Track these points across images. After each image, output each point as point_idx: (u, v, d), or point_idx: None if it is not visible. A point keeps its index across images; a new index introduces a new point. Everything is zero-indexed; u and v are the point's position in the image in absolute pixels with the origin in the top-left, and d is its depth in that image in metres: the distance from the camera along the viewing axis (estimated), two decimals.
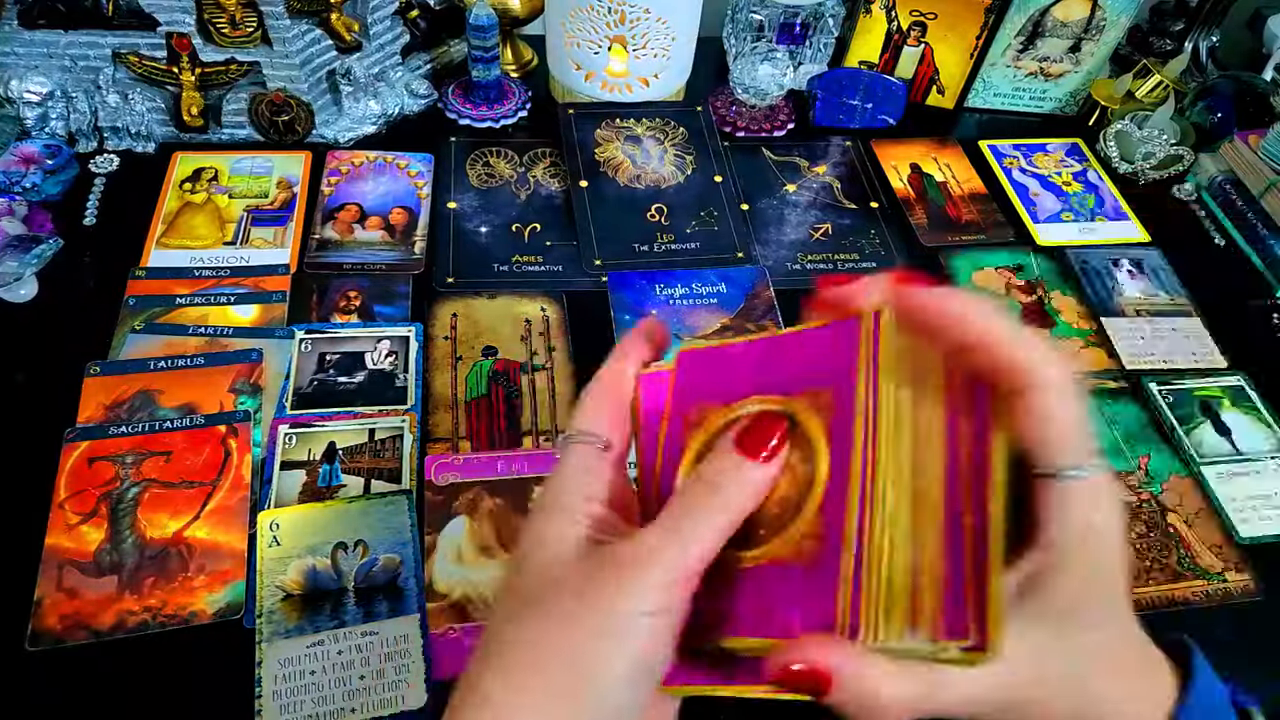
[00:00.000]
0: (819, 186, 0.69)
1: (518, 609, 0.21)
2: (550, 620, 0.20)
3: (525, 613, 0.21)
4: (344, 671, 0.39)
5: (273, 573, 0.42)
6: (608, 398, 0.24)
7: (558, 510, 0.22)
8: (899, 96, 0.73)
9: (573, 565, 0.21)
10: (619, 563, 0.20)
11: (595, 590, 0.20)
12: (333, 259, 0.58)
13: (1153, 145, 0.70)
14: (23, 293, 0.53)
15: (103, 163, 0.62)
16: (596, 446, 0.23)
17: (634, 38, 0.65)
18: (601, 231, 0.62)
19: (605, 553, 0.21)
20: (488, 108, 0.69)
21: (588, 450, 0.23)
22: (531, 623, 0.20)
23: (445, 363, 0.52)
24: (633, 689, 0.20)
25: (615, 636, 0.19)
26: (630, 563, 0.20)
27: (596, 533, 0.22)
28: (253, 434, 0.47)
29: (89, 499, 0.43)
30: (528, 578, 0.21)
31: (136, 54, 0.62)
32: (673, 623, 0.20)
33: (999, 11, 0.70)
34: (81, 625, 0.40)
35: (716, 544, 0.21)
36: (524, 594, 0.21)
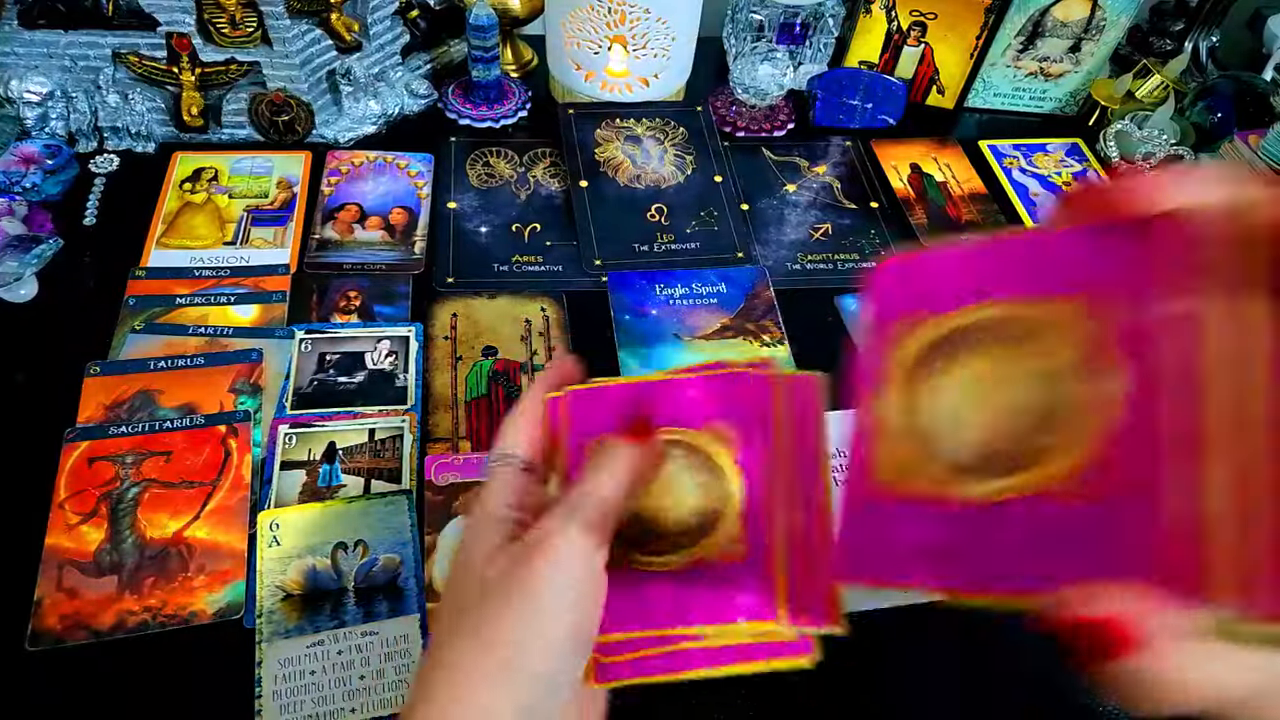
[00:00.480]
0: (819, 186, 0.69)
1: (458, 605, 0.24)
2: (485, 607, 0.23)
3: (462, 615, 0.23)
4: (344, 671, 0.39)
5: (273, 573, 0.42)
6: (528, 420, 0.28)
7: (482, 520, 0.25)
8: (899, 96, 0.73)
9: (494, 562, 0.24)
10: (529, 548, 0.23)
11: (514, 579, 0.23)
12: (333, 259, 0.58)
13: (1153, 145, 0.70)
14: (23, 293, 0.53)
15: (103, 163, 0.62)
16: (517, 465, 0.27)
17: (634, 38, 0.65)
18: (601, 231, 0.62)
19: (519, 544, 0.24)
20: (488, 108, 0.69)
21: (509, 470, 0.26)
22: (469, 621, 0.23)
23: (445, 363, 0.52)
24: (565, 655, 0.22)
25: (538, 614, 0.22)
26: (537, 545, 0.23)
27: (517, 530, 0.25)
28: (253, 434, 0.47)
29: (89, 499, 0.43)
30: (461, 585, 0.24)
31: (136, 54, 0.62)
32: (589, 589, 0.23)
33: (999, 11, 0.70)
34: (81, 625, 0.40)
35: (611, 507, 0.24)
36: (460, 592, 0.24)
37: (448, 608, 0.24)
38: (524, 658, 0.22)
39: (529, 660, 0.22)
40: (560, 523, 0.23)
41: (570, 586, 0.22)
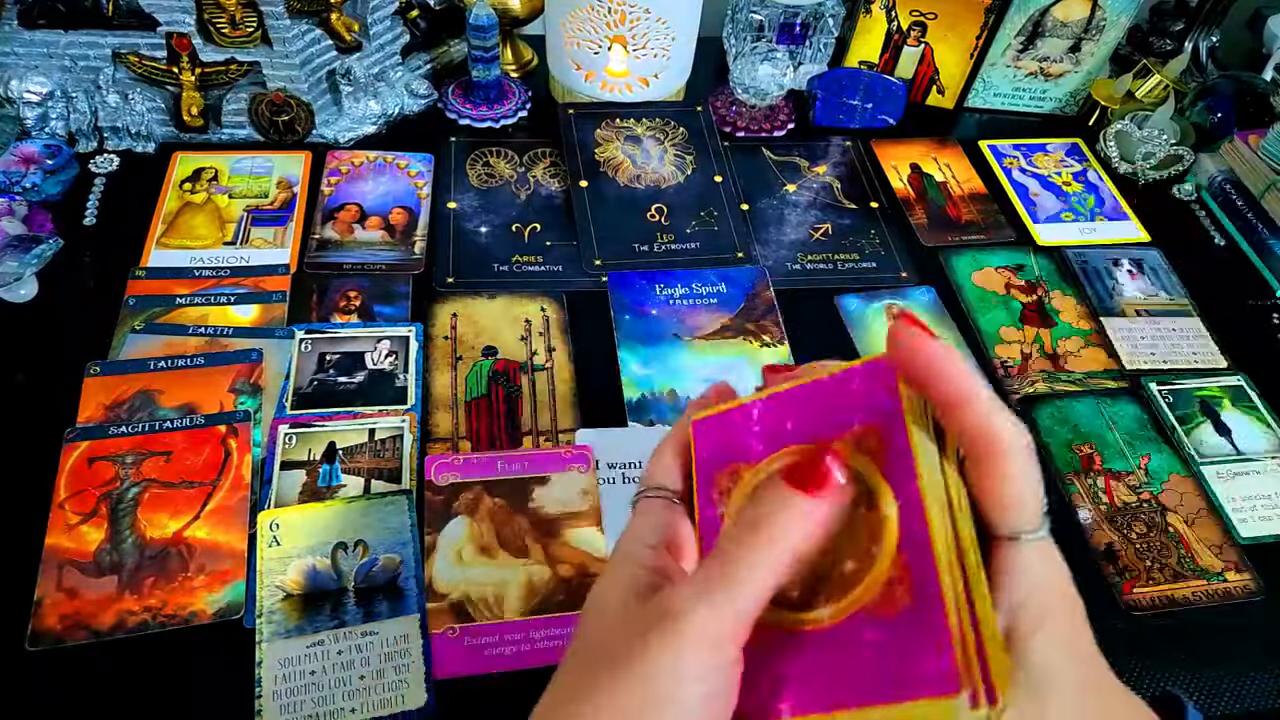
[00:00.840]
0: (819, 186, 0.69)
1: (580, 669, 0.21)
2: (605, 686, 0.19)
3: (583, 675, 0.20)
4: (344, 671, 0.39)
5: (273, 573, 0.42)
6: (676, 451, 0.24)
7: (621, 562, 0.22)
8: (899, 96, 0.73)
9: (625, 620, 0.20)
10: (660, 617, 0.19)
11: (643, 654, 0.19)
12: (333, 259, 0.58)
13: (1153, 145, 0.70)
14: (23, 293, 0.53)
15: (103, 163, 0.62)
16: (667, 499, 0.24)
17: (634, 37, 0.65)
18: (601, 231, 0.62)
19: (652, 604, 0.20)
20: (488, 108, 0.69)
21: (656, 503, 0.24)
22: (589, 686, 0.19)
23: (445, 363, 0.52)
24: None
25: (667, 706, 0.18)
26: (670, 619, 0.19)
27: (656, 578, 0.21)
28: (253, 434, 0.47)
29: (89, 499, 0.43)
30: (588, 633, 0.21)
31: (136, 54, 0.62)
32: (724, 679, 0.19)
33: (999, 11, 0.70)
34: (81, 625, 0.40)
35: (762, 587, 0.19)
36: (586, 651, 0.21)
37: (574, 659, 0.21)
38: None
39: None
40: (690, 602, 0.19)
41: (702, 680, 0.19)
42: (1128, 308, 0.61)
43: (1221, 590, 0.46)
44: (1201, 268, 0.65)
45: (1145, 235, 0.67)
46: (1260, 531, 0.48)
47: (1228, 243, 0.68)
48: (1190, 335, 0.59)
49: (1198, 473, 0.51)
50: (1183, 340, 0.59)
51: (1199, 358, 0.58)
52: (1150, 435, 0.53)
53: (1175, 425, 0.53)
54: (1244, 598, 0.46)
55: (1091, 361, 0.57)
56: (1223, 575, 0.47)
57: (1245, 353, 0.59)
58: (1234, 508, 0.49)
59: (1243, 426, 0.54)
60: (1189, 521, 0.49)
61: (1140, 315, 0.61)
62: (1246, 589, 0.46)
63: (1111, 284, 0.63)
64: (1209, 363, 0.58)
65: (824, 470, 0.20)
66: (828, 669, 0.19)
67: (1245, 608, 0.46)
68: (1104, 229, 0.67)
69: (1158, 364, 0.57)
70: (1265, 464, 0.52)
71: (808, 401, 0.22)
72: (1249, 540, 0.48)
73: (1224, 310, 0.61)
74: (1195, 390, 0.55)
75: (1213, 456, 0.52)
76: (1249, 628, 0.45)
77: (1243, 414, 0.54)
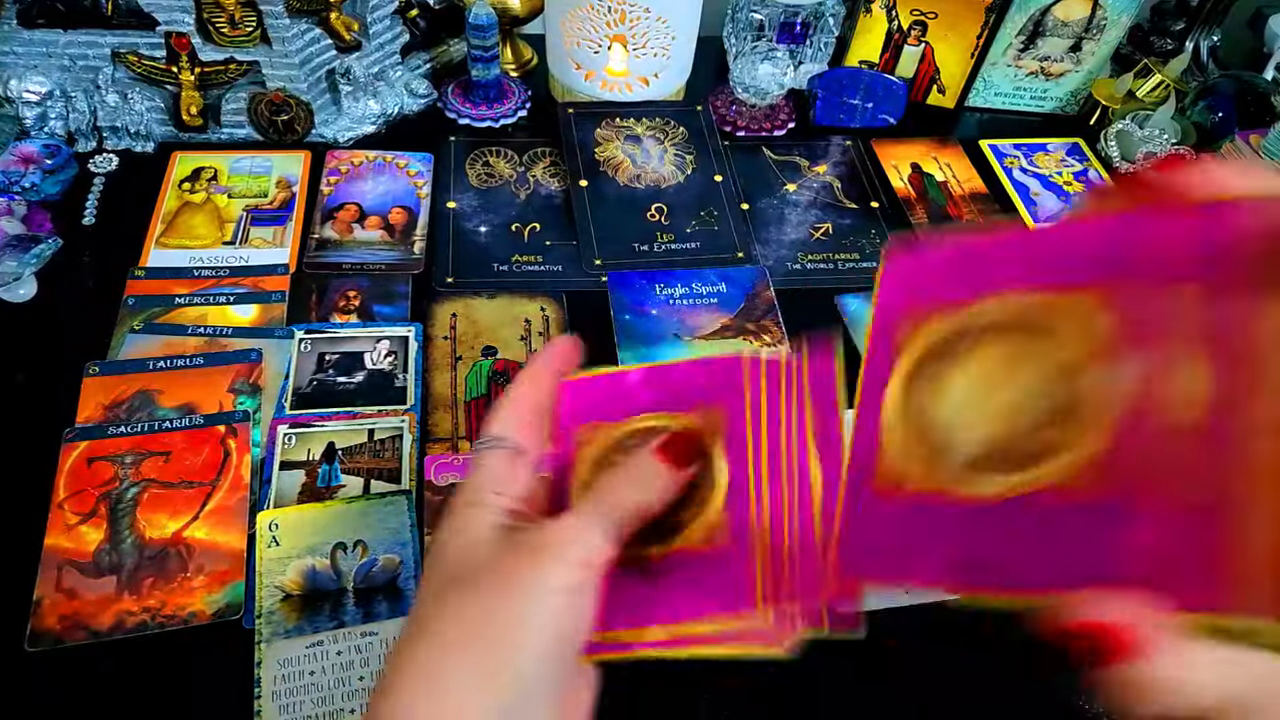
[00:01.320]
0: (819, 186, 0.69)
1: (440, 591, 0.22)
2: (475, 595, 0.21)
3: (447, 593, 0.22)
4: (343, 672, 0.39)
5: (272, 573, 0.42)
6: (521, 405, 0.26)
7: (473, 505, 0.24)
8: (899, 96, 0.73)
9: (491, 548, 0.23)
10: (535, 545, 0.22)
11: (514, 569, 0.21)
12: (332, 259, 0.58)
13: (1154, 145, 0.70)
14: (22, 292, 0.52)
15: (102, 162, 0.62)
16: (507, 450, 0.25)
17: (634, 37, 0.65)
18: (601, 231, 0.62)
19: (522, 536, 0.23)
20: (487, 107, 0.69)
21: (500, 454, 0.25)
22: (455, 601, 0.21)
23: (445, 363, 0.52)
24: (552, 662, 0.21)
25: (534, 612, 0.21)
26: (546, 544, 0.22)
27: (510, 521, 0.24)
28: (252, 434, 0.47)
29: (88, 499, 0.43)
30: (445, 563, 0.23)
31: (136, 53, 0.62)
32: (589, 600, 0.22)
33: (1000, 11, 0.70)
34: (81, 625, 0.40)
35: (627, 528, 0.23)
36: (444, 577, 0.22)
37: (427, 592, 0.23)
38: (514, 656, 0.20)
39: (519, 659, 0.20)
40: (580, 528, 0.22)
41: (575, 592, 0.21)
42: None
43: None
44: None
45: None
46: None
47: None
48: None
49: None
50: None
51: None
52: None
53: None
54: None
55: None
56: None
57: None
58: None
59: None
60: None
61: None
62: None
63: None
64: None
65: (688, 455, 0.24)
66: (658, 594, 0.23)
67: None
68: None
69: None
70: None
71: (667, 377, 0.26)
72: None
73: None
74: None
75: None
76: None
77: None
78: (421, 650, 0.21)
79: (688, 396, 0.26)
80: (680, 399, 0.26)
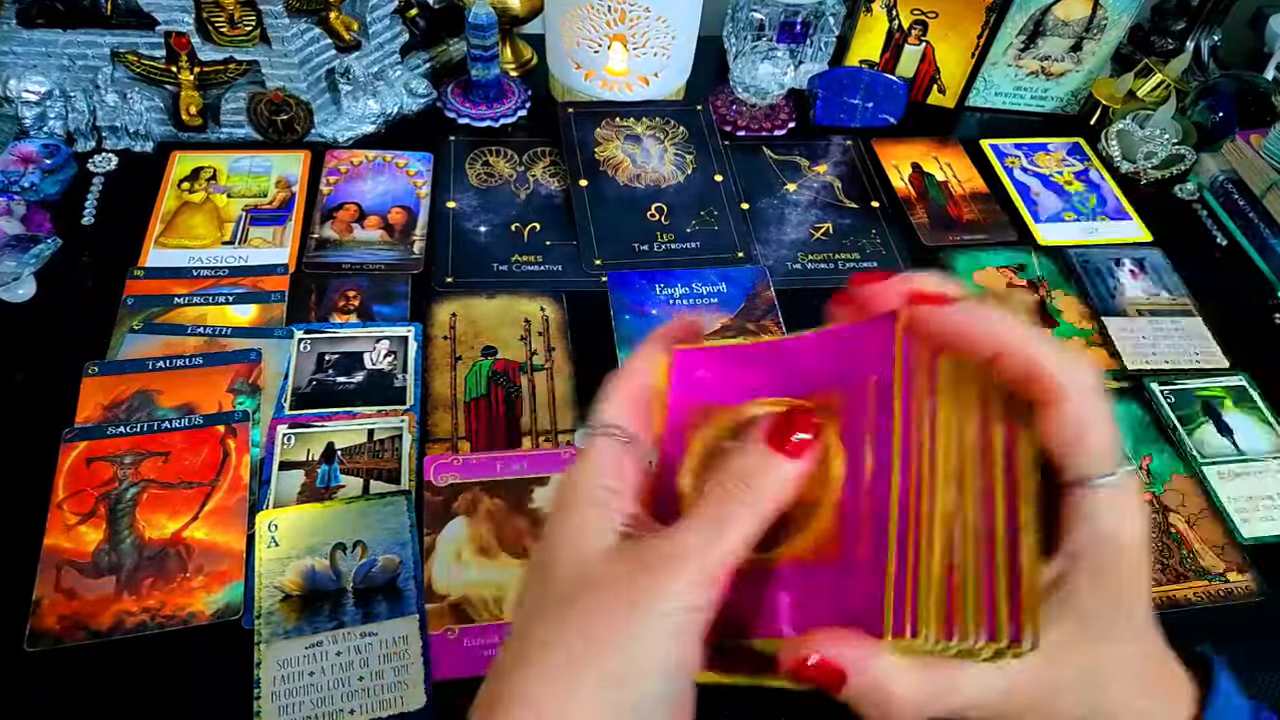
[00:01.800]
0: (820, 186, 0.69)
1: (552, 608, 0.20)
2: (591, 618, 0.20)
3: (562, 612, 0.20)
4: (343, 673, 0.39)
5: (271, 573, 0.41)
6: (629, 390, 0.24)
7: (588, 504, 0.22)
8: (900, 95, 0.73)
9: (607, 562, 0.21)
10: (657, 561, 0.20)
11: (636, 587, 0.20)
12: (331, 259, 0.58)
13: (1154, 145, 0.70)
14: (21, 293, 0.52)
15: (101, 162, 0.62)
16: (620, 440, 0.23)
17: (634, 36, 0.65)
18: (601, 231, 0.62)
19: (643, 549, 0.20)
20: (487, 107, 0.69)
21: (611, 444, 0.23)
22: (570, 621, 0.20)
23: (444, 363, 0.52)
24: (671, 683, 0.20)
25: (657, 633, 0.19)
26: (669, 560, 0.20)
27: (627, 523, 0.22)
28: (251, 434, 0.47)
29: (87, 499, 0.43)
30: (559, 575, 0.21)
31: (135, 53, 0.61)
32: (704, 619, 0.20)
33: (1000, 10, 0.70)
34: (80, 626, 0.40)
35: (750, 540, 0.21)
36: (557, 591, 0.21)
37: (541, 601, 0.21)
38: (632, 675, 0.19)
39: (640, 678, 0.19)
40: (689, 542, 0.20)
41: (691, 613, 0.20)
42: (1129, 308, 0.61)
43: (1223, 591, 0.46)
44: (1203, 267, 0.65)
45: (1147, 235, 0.67)
46: (1262, 532, 0.48)
47: (1230, 242, 0.68)
48: (1192, 335, 0.59)
49: (1199, 473, 0.51)
50: (1184, 340, 0.59)
51: (1201, 358, 0.58)
52: (1152, 435, 0.53)
53: (1177, 425, 0.53)
54: (1245, 598, 0.46)
55: (1093, 362, 0.57)
56: (1224, 576, 0.46)
57: (1247, 353, 0.58)
58: (1236, 508, 0.49)
59: (1245, 427, 0.53)
60: (1190, 522, 0.49)
61: (1142, 315, 0.60)
62: (1248, 589, 0.46)
63: (1113, 284, 0.63)
64: (1211, 363, 0.58)
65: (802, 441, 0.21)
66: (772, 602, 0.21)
67: (1247, 608, 0.46)
68: (1106, 229, 0.67)
69: (1159, 364, 0.57)
70: (1267, 464, 0.52)
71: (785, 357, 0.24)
72: (1251, 541, 0.48)
73: (1226, 310, 0.61)
74: (1197, 390, 0.55)
75: (1215, 457, 0.52)
76: (1250, 628, 0.45)
77: (1245, 414, 0.54)
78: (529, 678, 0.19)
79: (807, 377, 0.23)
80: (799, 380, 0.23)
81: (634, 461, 0.23)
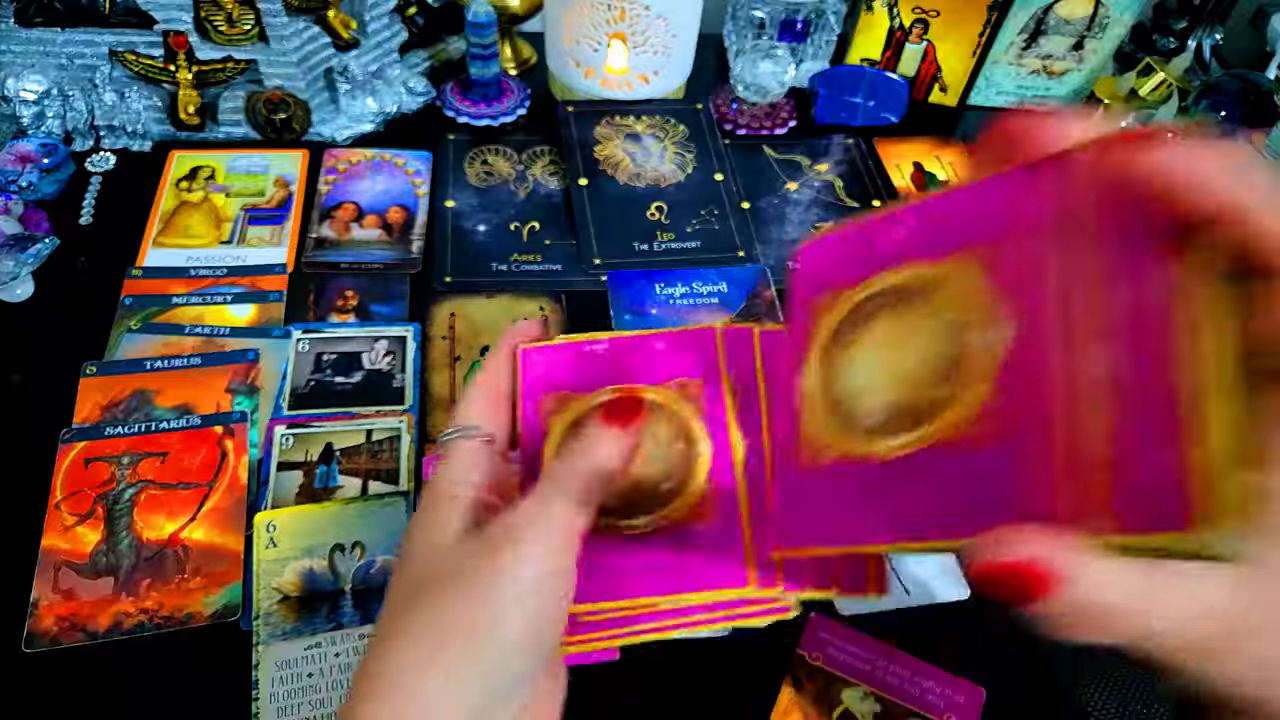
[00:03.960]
0: (821, 185, 0.68)
1: (410, 595, 0.21)
2: (443, 599, 0.21)
3: (418, 597, 0.21)
4: (341, 674, 0.39)
5: (269, 574, 0.41)
6: (485, 391, 0.26)
7: (442, 501, 0.23)
8: (901, 94, 0.73)
9: (457, 547, 0.22)
10: (501, 534, 0.21)
11: (481, 564, 0.21)
12: (330, 258, 0.58)
13: None
14: (19, 292, 0.52)
15: (99, 161, 0.62)
16: (478, 439, 0.25)
17: (634, 34, 0.65)
18: (601, 230, 0.61)
19: (489, 531, 0.22)
20: (486, 105, 0.69)
21: (467, 444, 0.24)
22: (425, 606, 0.21)
23: (443, 362, 0.52)
24: (526, 652, 0.21)
25: (502, 607, 0.20)
26: (513, 530, 0.21)
27: (479, 514, 0.23)
28: (249, 435, 0.47)
29: (85, 500, 0.43)
30: (415, 565, 0.22)
31: (133, 52, 0.61)
32: (559, 586, 0.21)
33: (1002, 9, 0.70)
34: (78, 627, 0.39)
35: (592, 499, 0.22)
36: (414, 581, 0.22)
37: (397, 596, 0.22)
38: (481, 653, 0.20)
39: (491, 659, 0.20)
40: (527, 519, 0.21)
41: (542, 581, 0.21)
42: None
43: None
44: None
45: None
46: None
47: None
48: None
49: None
50: None
51: None
52: None
53: None
54: None
55: None
56: None
57: None
58: None
59: None
60: None
61: None
62: None
63: None
64: None
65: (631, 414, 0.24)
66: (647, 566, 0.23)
67: None
68: None
69: None
70: None
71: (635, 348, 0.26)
72: None
73: None
74: None
75: None
76: None
77: None
78: (391, 659, 0.20)
79: (656, 368, 0.26)
80: (648, 370, 0.26)
81: (491, 457, 0.25)
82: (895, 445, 0.19)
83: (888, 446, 0.19)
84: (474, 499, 0.23)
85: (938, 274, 0.19)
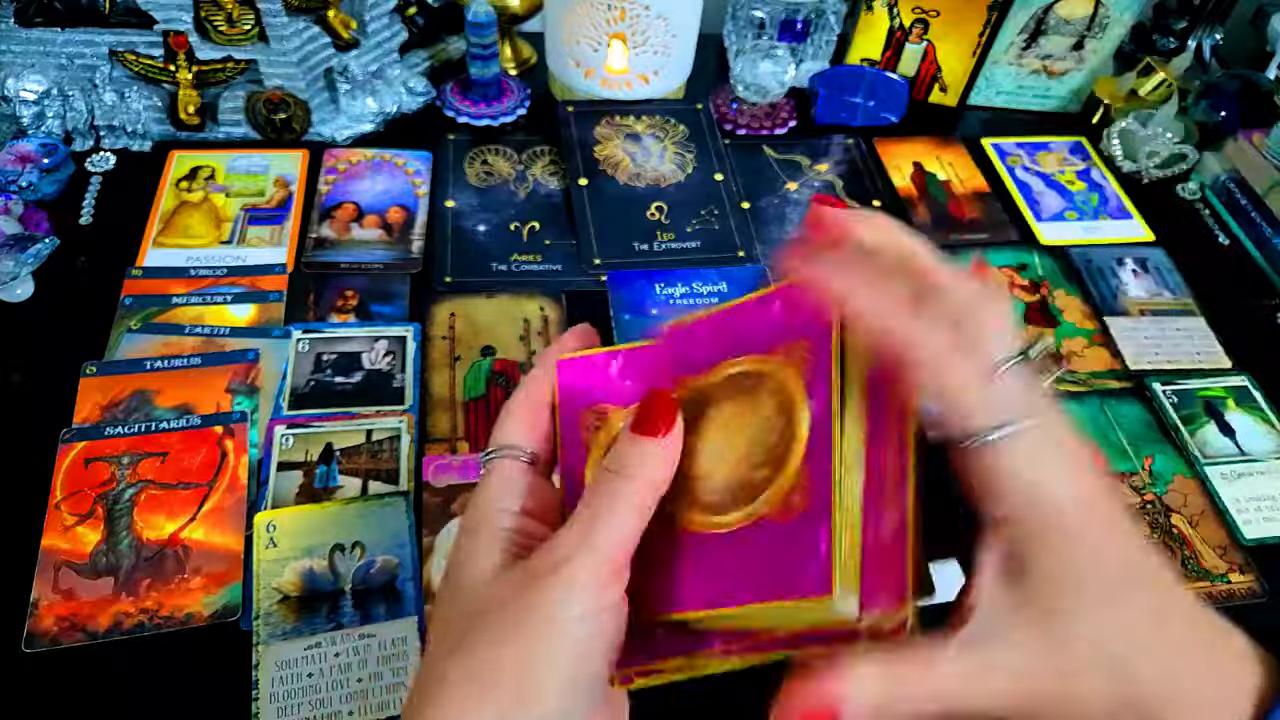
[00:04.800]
0: (821, 185, 0.68)
1: (454, 641, 0.20)
2: (488, 637, 0.20)
3: (461, 644, 0.20)
4: (341, 674, 0.39)
5: (269, 574, 0.41)
6: (527, 408, 0.24)
7: (483, 527, 0.22)
8: (901, 94, 0.73)
9: (498, 585, 0.21)
10: (541, 573, 0.20)
11: (523, 606, 0.20)
12: (330, 258, 0.58)
13: (1156, 144, 0.70)
14: (19, 292, 0.52)
15: (99, 161, 0.62)
16: (520, 460, 0.23)
17: (634, 34, 0.65)
18: (601, 230, 0.61)
19: (531, 563, 0.21)
20: (486, 105, 0.69)
21: (509, 464, 0.23)
22: (467, 653, 0.20)
23: (443, 362, 0.52)
24: (578, 692, 0.20)
25: (550, 648, 0.19)
26: (552, 571, 0.20)
27: (521, 542, 0.22)
28: (249, 435, 0.47)
29: (85, 500, 0.43)
30: (457, 605, 0.21)
31: (133, 52, 0.61)
32: (608, 619, 0.20)
33: (1002, 9, 0.70)
34: (78, 627, 0.39)
35: (634, 528, 0.21)
36: (456, 624, 0.21)
37: (445, 631, 0.21)
38: (531, 698, 0.19)
39: (537, 702, 0.19)
40: (570, 551, 0.20)
41: (587, 619, 0.19)
42: (1132, 307, 0.61)
43: (1225, 592, 0.46)
44: (1206, 267, 0.64)
45: (1149, 234, 0.67)
46: (1264, 533, 0.48)
47: (1232, 242, 0.67)
48: (1194, 335, 0.59)
49: (1202, 474, 0.51)
50: (1187, 340, 0.59)
51: (1203, 358, 0.58)
52: (1154, 436, 0.53)
53: (1179, 426, 0.53)
54: (1247, 599, 0.46)
55: (1095, 362, 0.57)
56: (1226, 577, 0.46)
57: (1249, 353, 0.58)
58: (1238, 509, 0.49)
59: (1247, 427, 0.53)
60: (1192, 523, 0.49)
61: (1144, 315, 0.60)
62: (1250, 591, 0.46)
63: (1115, 283, 0.62)
64: (1213, 363, 0.57)
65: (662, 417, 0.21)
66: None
67: (1248, 610, 0.45)
68: (1108, 228, 0.67)
69: (1161, 364, 0.57)
70: (1269, 465, 0.51)
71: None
72: (1253, 542, 0.48)
73: (1228, 310, 0.61)
74: (1199, 391, 0.55)
75: (1217, 457, 0.51)
76: (1252, 630, 0.45)
77: (1247, 414, 0.54)
78: (444, 702, 0.19)
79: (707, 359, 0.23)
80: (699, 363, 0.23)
81: (534, 478, 0.23)
82: (729, 520, 0.21)
83: (724, 520, 0.21)
84: (514, 526, 0.22)
85: (762, 370, 0.22)
